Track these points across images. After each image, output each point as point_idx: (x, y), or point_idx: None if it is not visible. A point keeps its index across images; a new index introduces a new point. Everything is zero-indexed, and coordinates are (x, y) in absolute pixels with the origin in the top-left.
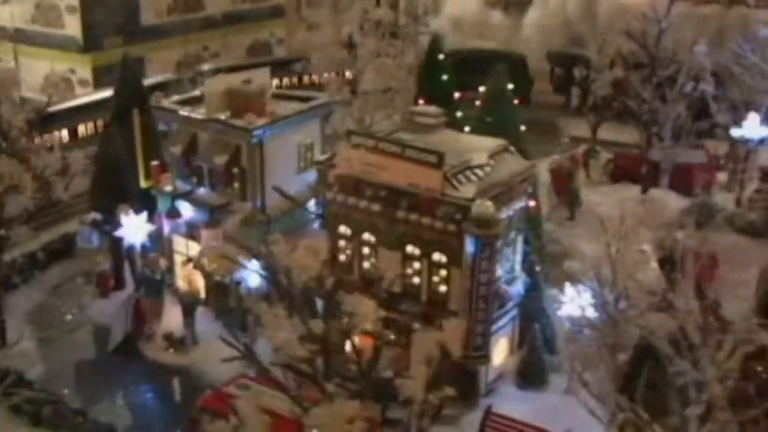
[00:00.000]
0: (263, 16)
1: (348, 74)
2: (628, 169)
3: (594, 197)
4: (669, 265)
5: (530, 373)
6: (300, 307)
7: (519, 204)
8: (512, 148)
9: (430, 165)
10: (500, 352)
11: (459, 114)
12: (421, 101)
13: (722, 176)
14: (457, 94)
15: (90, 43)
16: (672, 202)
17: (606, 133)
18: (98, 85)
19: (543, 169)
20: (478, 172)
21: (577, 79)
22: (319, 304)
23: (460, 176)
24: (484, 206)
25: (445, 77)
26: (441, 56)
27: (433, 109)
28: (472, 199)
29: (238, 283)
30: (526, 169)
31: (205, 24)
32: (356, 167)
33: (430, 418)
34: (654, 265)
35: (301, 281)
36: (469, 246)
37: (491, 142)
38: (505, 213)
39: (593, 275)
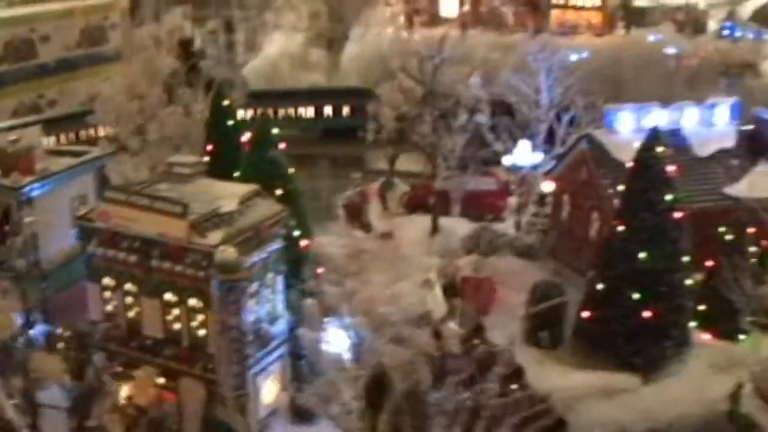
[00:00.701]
0: (101, 62)
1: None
2: (422, 200)
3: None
4: (450, 292)
5: (300, 409)
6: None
7: (272, 246)
8: (277, 192)
9: (176, 215)
10: (270, 389)
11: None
12: (209, 147)
13: (513, 201)
14: (244, 138)
15: None
16: (462, 229)
17: (408, 164)
18: None
19: (338, 205)
20: (226, 218)
21: (370, 113)
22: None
23: (208, 224)
24: (227, 252)
25: (231, 123)
26: (226, 102)
27: (190, 158)
28: (216, 246)
29: (16, 338)
30: (277, 212)
31: (39, 72)
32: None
33: None
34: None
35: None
36: (217, 291)
37: (243, 189)
38: (256, 256)
39: (337, 311)
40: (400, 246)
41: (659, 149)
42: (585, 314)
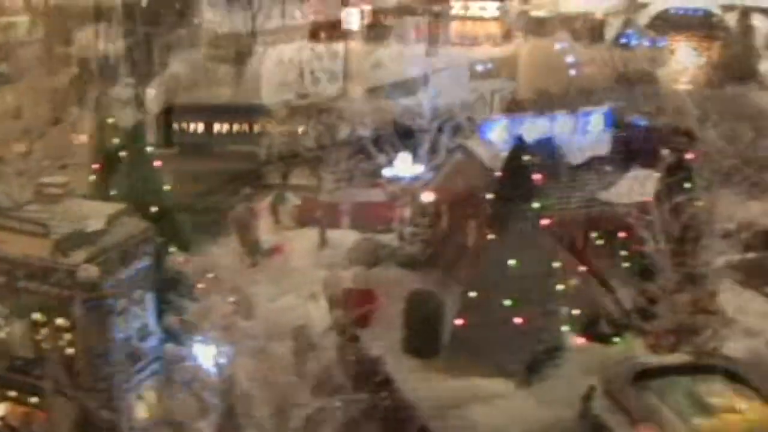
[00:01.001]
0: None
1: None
2: (313, 213)
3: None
4: (333, 304)
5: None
6: None
7: (140, 264)
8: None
9: (38, 235)
10: (144, 405)
11: None
12: (95, 165)
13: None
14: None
15: None
16: (350, 241)
17: (301, 178)
18: None
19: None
20: (91, 237)
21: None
22: None
23: (71, 243)
24: (89, 270)
25: (116, 141)
26: (111, 120)
27: (59, 179)
28: (78, 265)
29: None
30: (144, 230)
31: None
32: None
33: None
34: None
35: None
36: (81, 309)
37: (112, 207)
38: (123, 274)
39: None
40: (289, 259)
41: (526, 158)
42: (459, 321)
